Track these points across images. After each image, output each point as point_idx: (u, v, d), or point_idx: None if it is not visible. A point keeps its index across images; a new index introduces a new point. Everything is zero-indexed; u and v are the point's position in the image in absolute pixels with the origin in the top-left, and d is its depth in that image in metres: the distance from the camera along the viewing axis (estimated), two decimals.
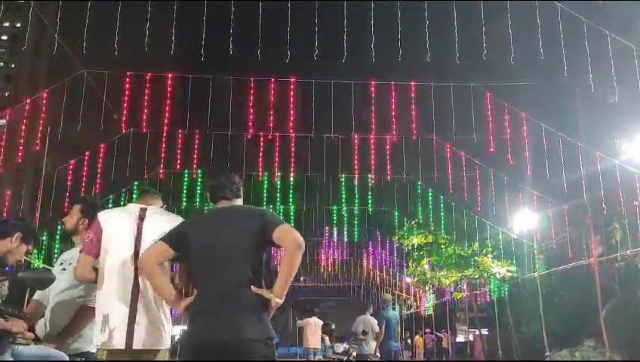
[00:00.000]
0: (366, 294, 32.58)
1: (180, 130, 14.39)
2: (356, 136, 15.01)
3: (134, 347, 2.99)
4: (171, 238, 2.92)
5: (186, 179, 17.86)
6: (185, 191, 18.28)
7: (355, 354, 11.77)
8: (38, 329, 3.57)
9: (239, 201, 3.06)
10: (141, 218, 3.22)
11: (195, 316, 2.78)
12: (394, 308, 15.67)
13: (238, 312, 2.69)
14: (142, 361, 3.04)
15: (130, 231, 3.17)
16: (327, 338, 12.63)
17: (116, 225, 3.19)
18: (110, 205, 14.70)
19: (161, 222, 3.24)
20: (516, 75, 13.59)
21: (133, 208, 3.28)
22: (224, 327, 2.66)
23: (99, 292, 3.14)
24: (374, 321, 10.92)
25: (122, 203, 15.45)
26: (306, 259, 26.40)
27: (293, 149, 15.40)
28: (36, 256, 14.99)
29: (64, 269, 3.58)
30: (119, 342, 2.98)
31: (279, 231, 2.78)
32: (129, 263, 3.11)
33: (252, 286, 2.74)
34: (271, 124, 13.58)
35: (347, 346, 13.27)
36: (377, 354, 10.66)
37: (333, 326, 13.68)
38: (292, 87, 12.86)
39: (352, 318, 11.67)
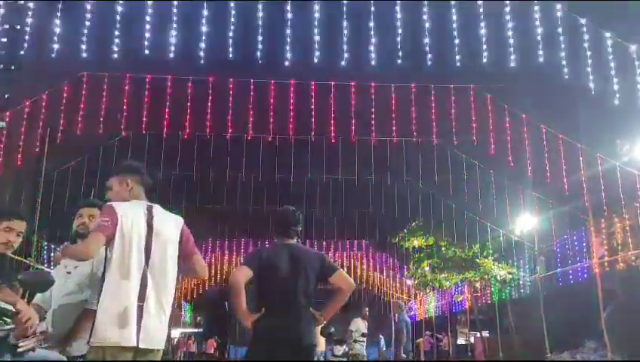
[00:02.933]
0: (366, 296, 32.46)
1: (180, 132, 14.36)
2: (356, 138, 14.98)
3: (141, 346, 2.91)
4: (251, 264, 3.84)
5: (186, 180, 17.86)
6: (185, 191, 18.27)
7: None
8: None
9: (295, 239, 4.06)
10: (151, 214, 3.17)
11: (266, 324, 3.69)
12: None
13: (302, 324, 3.76)
14: (139, 360, 2.97)
15: (142, 227, 3.09)
16: (322, 340, 12.66)
17: (128, 217, 3.07)
18: None
19: (167, 221, 3.23)
20: (516, 77, 13.58)
21: (142, 204, 3.22)
22: (292, 332, 3.69)
23: (105, 287, 2.99)
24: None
25: None
26: None
27: (292, 152, 15.41)
28: (35, 258, 14.95)
29: (69, 272, 3.52)
30: (126, 340, 2.89)
31: (337, 275, 3.92)
32: (139, 259, 3.02)
33: (310, 308, 3.84)
34: (271, 126, 13.58)
35: (347, 348, 13.27)
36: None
37: (333, 329, 13.62)
38: (292, 88, 12.86)
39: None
